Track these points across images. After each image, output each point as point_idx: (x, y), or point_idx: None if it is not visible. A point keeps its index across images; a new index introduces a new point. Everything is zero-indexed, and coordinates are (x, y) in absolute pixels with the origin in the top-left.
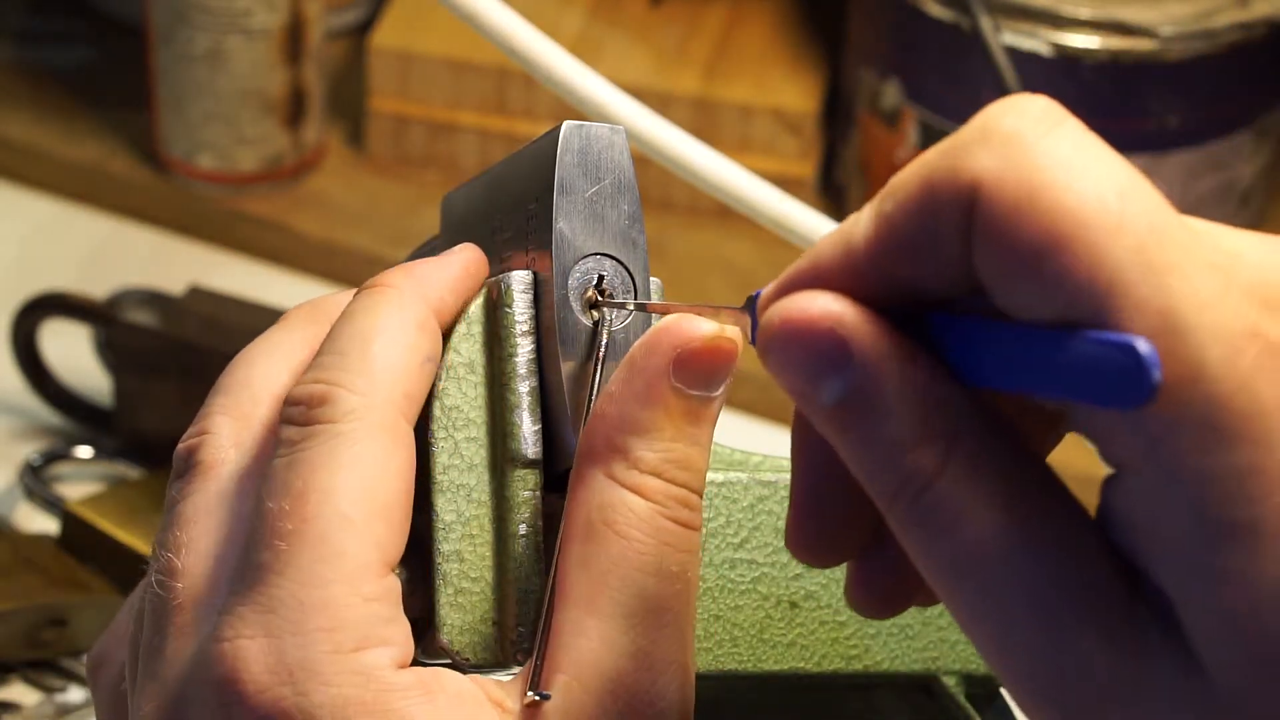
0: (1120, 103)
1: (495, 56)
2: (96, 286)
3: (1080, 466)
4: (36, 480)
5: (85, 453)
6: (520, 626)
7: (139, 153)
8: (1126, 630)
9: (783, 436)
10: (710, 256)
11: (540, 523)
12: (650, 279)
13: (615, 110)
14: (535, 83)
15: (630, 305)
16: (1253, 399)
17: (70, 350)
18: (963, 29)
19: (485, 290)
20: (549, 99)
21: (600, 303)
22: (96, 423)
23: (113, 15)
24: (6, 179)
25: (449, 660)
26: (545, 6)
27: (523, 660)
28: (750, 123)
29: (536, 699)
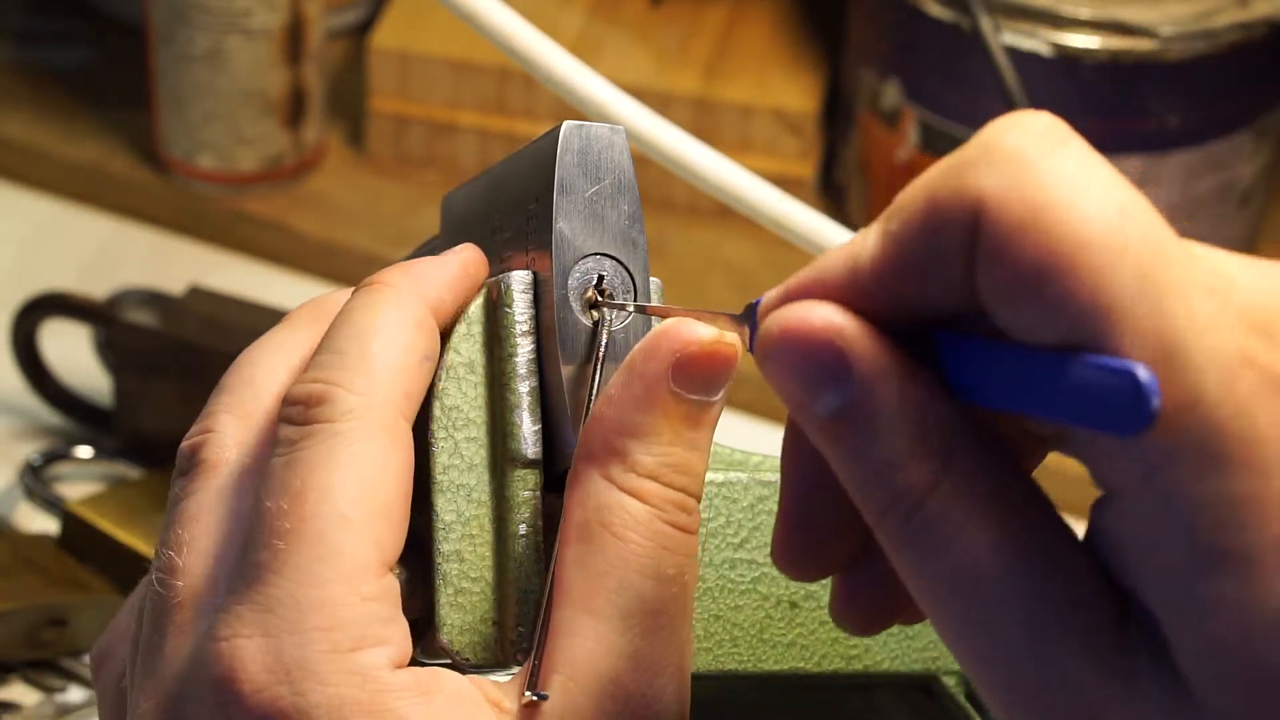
0: (1120, 103)
1: (495, 56)
2: (96, 286)
3: (1078, 467)
4: (36, 480)
5: (85, 453)
6: (520, 626)
7: (139, 153)
8: (1116, 650)
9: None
10: (710, 256)
11: (540, 523)
12: (650, 279)
13: (615, 110)
14: (535, 83)
15: (630, 307)
16: (1250, 425)
17: (70, 350)
18: (963, 29)
19: (485, 290)
20: (549, 99)
21: (600, 303)
22: (96, 423)
23: (113, 15)
24: (6, 179)
25: (449, 660)
26: (545, 6)
27: (523, 660)
28: (750, 123)
29: (534, 699)
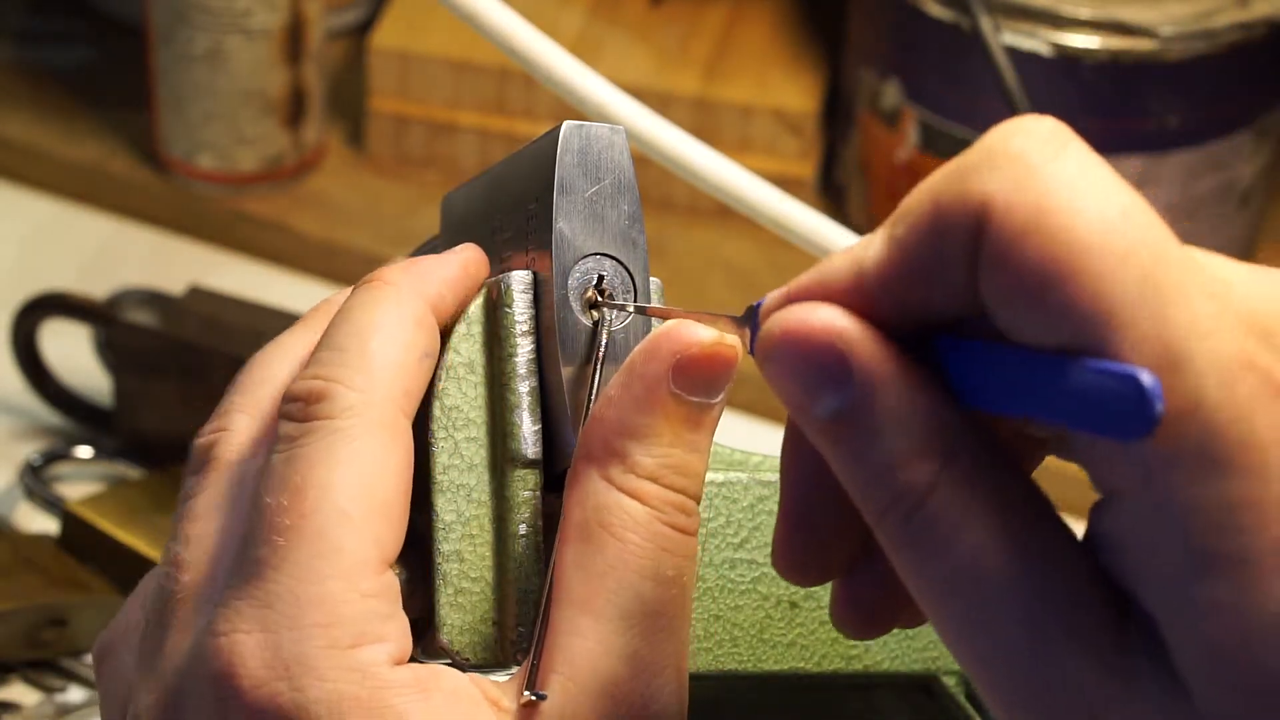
0: (1120, 103)
1: (495, 56)
2: (96, 286)
3: (1077, 468)
4: (36, 480)
5: (85, 453)
6: (520, 626)
7: (139, 153)
8: (1116, 651)
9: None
10: (710, 256)
11: (540, 523)
12: (650, 279)
13: (615, 110)
14: (535, 83)
15: (630, 307)
16: (1249, 430)
17: (70, 350)
18: (963, 29)
19: (485, 290)
20: (549, 99)
21: (600, 303)
22: (96, 423)
23: (113, 15)
24: (6, 179)
25: (449, 660)
26: (545, 6)
27: (522, 660)
28: (750, 123)
29: (533, 698)
